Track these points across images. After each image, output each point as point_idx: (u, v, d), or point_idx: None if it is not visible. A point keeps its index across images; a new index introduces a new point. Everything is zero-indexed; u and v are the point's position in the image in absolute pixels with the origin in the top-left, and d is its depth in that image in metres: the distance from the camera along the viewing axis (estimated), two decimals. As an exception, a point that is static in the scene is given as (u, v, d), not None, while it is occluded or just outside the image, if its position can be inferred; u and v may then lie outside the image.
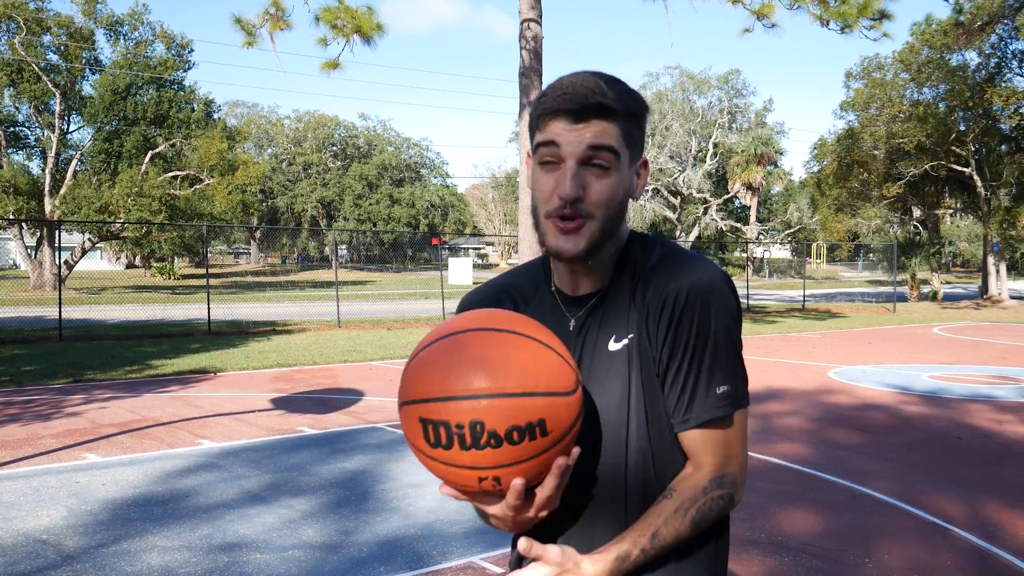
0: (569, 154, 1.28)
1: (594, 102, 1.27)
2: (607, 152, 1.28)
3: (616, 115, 1.29)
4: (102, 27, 38.81)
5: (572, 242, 1.30)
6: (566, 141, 1.28)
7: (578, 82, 1.29)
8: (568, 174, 1.28)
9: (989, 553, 4.87)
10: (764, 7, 14.30)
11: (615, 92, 1.30)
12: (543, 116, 1.31)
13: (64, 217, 33.21)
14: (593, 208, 1.29)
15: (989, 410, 9.59)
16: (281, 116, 78.21)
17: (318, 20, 13.84)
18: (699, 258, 1.36)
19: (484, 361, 1.15)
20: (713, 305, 1.30)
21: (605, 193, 1.29)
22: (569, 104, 1.28)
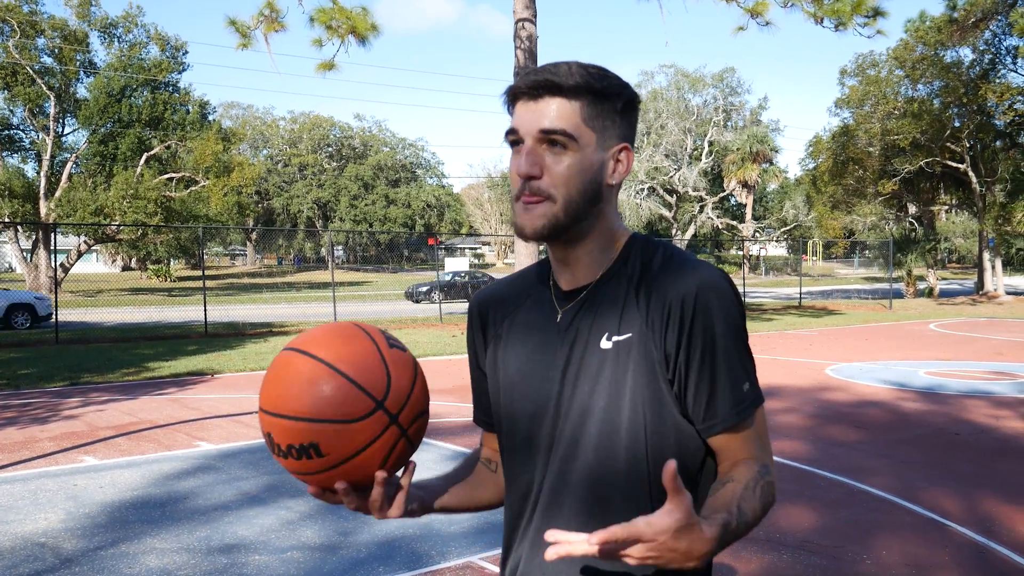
0: (525, 133, 1.29)
1: (543, 79, 1.28)
2: (559, 133, 1.27)
3: (570, 92, 1.28)
4: (96, 29, 38.76)
5: (530, 219, 1.30)
6: (521, 122, 1.29)
7: (543, 66, 1.31)
8: (523, 152, 1.29)
9: (987, 548, 4.88)
10: (758, 5, 14.32)
11: (580, 72, 1.29)
12: (509, 101, 1.33)
13: (60, 220, 33.16)
14: (550, 188, 1.28)
15: (986, 406, 9.62)
16: (276, 117, 78.12)
17: (313, 21, 13.84)
18: (699, 261, 1.35)
19: (280, 382, 1.28)
20: (723, 306, 1.30)
21: (561, 172, 1.28)
22: (523, 83, 1.29)
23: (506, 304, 1.50)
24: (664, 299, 1.30)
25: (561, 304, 1.40)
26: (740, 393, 1.30)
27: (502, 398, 1.44)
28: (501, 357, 1.46)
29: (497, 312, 1.51)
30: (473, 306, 1.56)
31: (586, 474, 1.32)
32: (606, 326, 1.33)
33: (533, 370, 1.39)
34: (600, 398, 1.31)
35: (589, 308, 1.37)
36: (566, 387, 1.35)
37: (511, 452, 1.43)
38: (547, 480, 1.36)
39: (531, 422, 1.38)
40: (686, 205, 61.86)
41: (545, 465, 1.36)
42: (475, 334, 1.54)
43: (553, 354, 1.37)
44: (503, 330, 1.47)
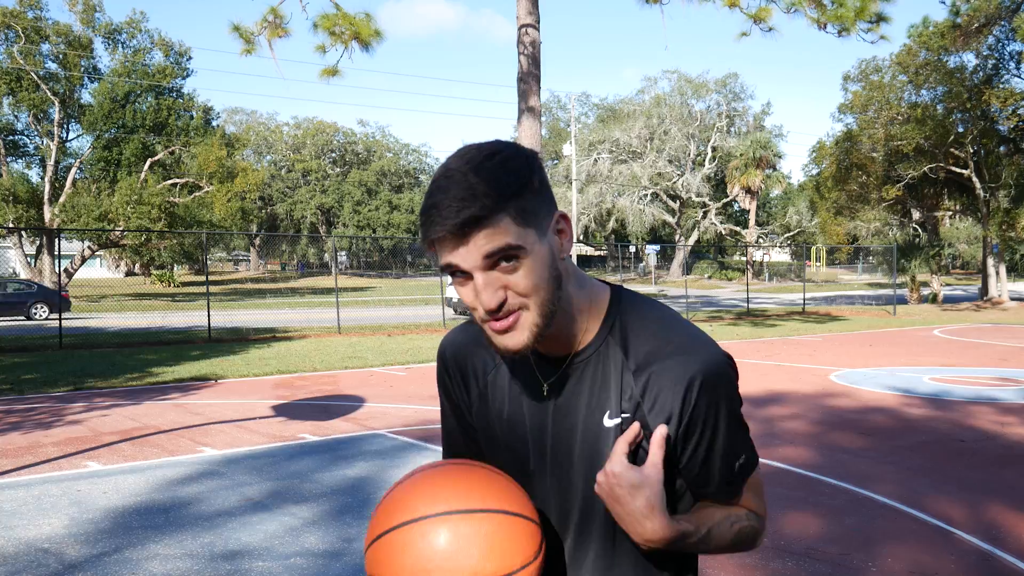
0: (470, 268, 1.19)
1: (465, 217, 1.16)
2: (507, 250, 1.18)
3: (496, 211, 1.17)
4: (100, 35, 38.92)
5: (514, 339, 1.22)
6: (459, 258, 1.19)
7: (444, 199, 1.18)
8: (479, 288, 1.19)
9: (992, 556, 4.86)
10: (761, 11, 14.34)
11: (488, 184, 1.17)
12: (431, 242, 1.21)
13: (63, 225, 33.25)
14: (521, 299, 1.21)
15: (991, 412, 9.58)
16: (280, 123, 78.23)
17: (316, 27, 13.88)
18: (697, 337, 1.29)
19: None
20: (726, 395, 1.27)
21: (525, 282, 1.20)
22: (443, 231, 1.17)
23: (478, 362, 1.44)
24: (663, 378, 1.26)
25: (544, 373, 1.34)
26: (734, 469, 1.31)
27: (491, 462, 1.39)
28: (483, 425, 1.43)
29: (471, 369, 1.44)
30: (448, 358, 1.48)
31: (611, 533, 1.32)
32: (605, 403, 1.29)
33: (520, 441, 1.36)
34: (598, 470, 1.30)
35: (578, 381, 1.32)
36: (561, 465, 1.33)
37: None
38: (564, 536, 1.36)
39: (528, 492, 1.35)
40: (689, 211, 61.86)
41: (553, 543, 1.36)
42: (457, 389, 1.47)
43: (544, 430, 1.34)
44: (481, 396, 1.42)
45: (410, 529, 1.18)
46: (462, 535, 1.17)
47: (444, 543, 1.16)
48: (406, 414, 9.59)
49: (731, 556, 4.78)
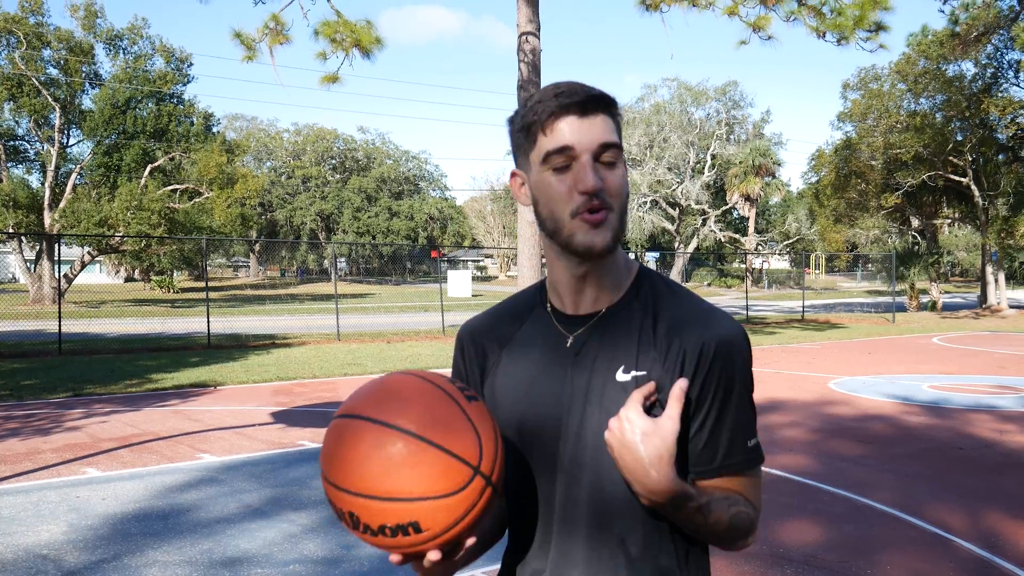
0: (584, 149, 1.28)
1: (597, 93, 1.30)
2: (614, 147, 1.30)
3: (613, 109, 1.31)
4: (102, 41, 38.95)
5: (601, 235, 1.30)
6: (578, 139, 1.28)
7: (568, 83, 1.32)
8: (587, 167, 1.28)
9: (991, 563, 4.86)
10: (760, 19, 14.36)
11: (602, 90, 1.32)
12: (549, 117, 1.29)
13: (63, 231, 33.25)
14: (612, 199, 1.30)
15: (990, 420, 9.59)
16: (280, 129, 78.39)
17: (317, 34, 13.89)
18: (716, 309, 1.37)
19: (362, 460, 1.17)
20: (744, 361, 1.33)
21: (619, 183, 1.31)
22: (574, 98, 1.28)
23: (499, 332, 1.49)
24: (684, 344, 1.31)
25: (568, 328, 1.39)
26: (747, 446, 1.33)
27: (509, 420, 1.41)
28: (502, 383, 1.44)
29: (491, 341, 1.49)
30: (465, 335, 1.53)
31: (600, 498, 1.32)
32: (621, 358, 1.33)
33: (544, 393, 1.38)
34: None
35: (602, 336, 1.36)
36: (577, 413, 1.34)
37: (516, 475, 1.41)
38: (567, 502, 1.35)
39: (543, 445, 1.37)
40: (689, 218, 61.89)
41: (564, 487, 1.35)
42: (469, 365, 1.51)
43: (565, 379, 1.36)
44: (501, 357, 1.46)
45: (373, 428, 1.19)
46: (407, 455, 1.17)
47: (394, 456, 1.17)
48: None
49: (730, 563, 4.78)
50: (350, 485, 1.17)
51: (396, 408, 1.21)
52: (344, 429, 1.21)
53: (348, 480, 1.18)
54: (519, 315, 1.48)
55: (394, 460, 1.16)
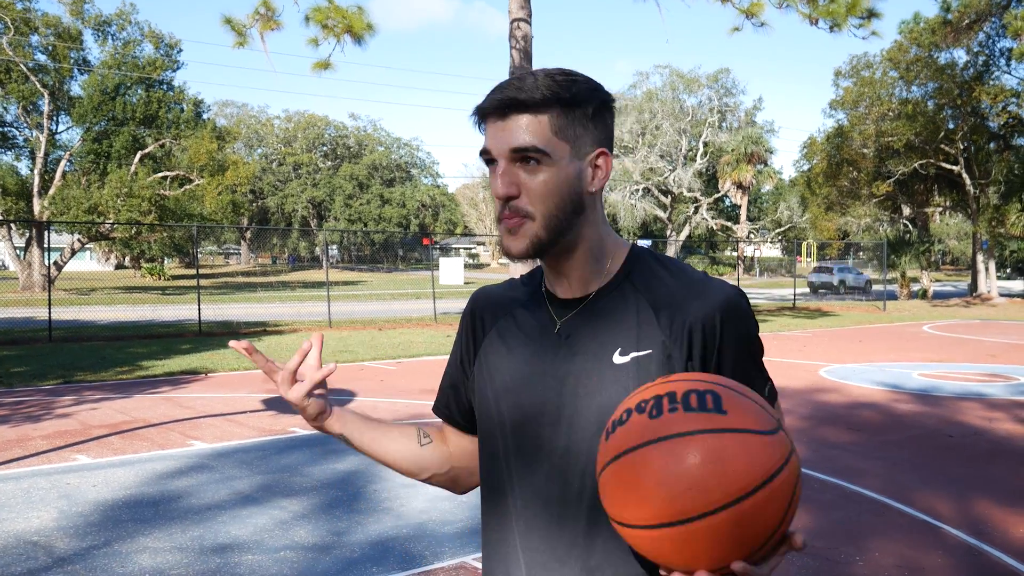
0: (497, 154, 1.27)
1: (509, 97, 1.26)
2: (530, 150, 1.25)
3: (537, 106, 1.25)
4: (90, 27, 38.65)
5: (514, 242, 1.29)
6: (493, 143, 1.28)
7: (510, 80, 1.29)
8: (497, 173, 1.27)
9: (979, 550, 4.90)
10: (753, 6, 14.33)
11: (547, 84, 1.26)
12: (478, 120, 1.31)
13: (53, 218, 33.06)
14: (529, 206, 1.27)
15: (979, 408, 9.64)
16: (271, 116, 77.98)
17: (308, 20, 13.81)
18: (712, 277, 1.37)
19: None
20: (746, 319, 1.33)
21: (538, 189, 1.26)
22: (488, 101, 1.28)
23: (498, 308, 1.49)
24: (686, 319, 1.30)
25: (559, 313, 1.38)
26: (765, 391, 1.32)
27: (492, 404, 1.41)
28: (491, 362, 1.44)
29: (488, 315, 1.49)
30: (472, 304, 1.55)
31: (595, 485, 1.28)
32: (618, 341, 1.32)
33: (529, 378, 1.37)
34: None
35: (591, 320, 1.35)
36: (569, 399, 1.32)
37: (502, 459, 1.40)
38: (563, 491, 1.32)
39: (529, 431, 1.35)
40: (681, 206, 61.90)
41: (560, 478, 1.33)
42: (465, 334, 1.53)
43: (551, 364, 1.35)
44: (493, 334, 1.46)
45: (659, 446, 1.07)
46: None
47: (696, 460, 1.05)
48: (397, 408, 9.59)
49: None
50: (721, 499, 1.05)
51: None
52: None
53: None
54: (518, 296, 1.48)
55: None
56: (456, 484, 1.59)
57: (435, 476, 1.56)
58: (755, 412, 1.09)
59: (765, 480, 1.04)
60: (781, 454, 1.07)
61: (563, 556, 1.32)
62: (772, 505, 1.05)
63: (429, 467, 1.55)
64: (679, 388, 1.10)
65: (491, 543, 1.44)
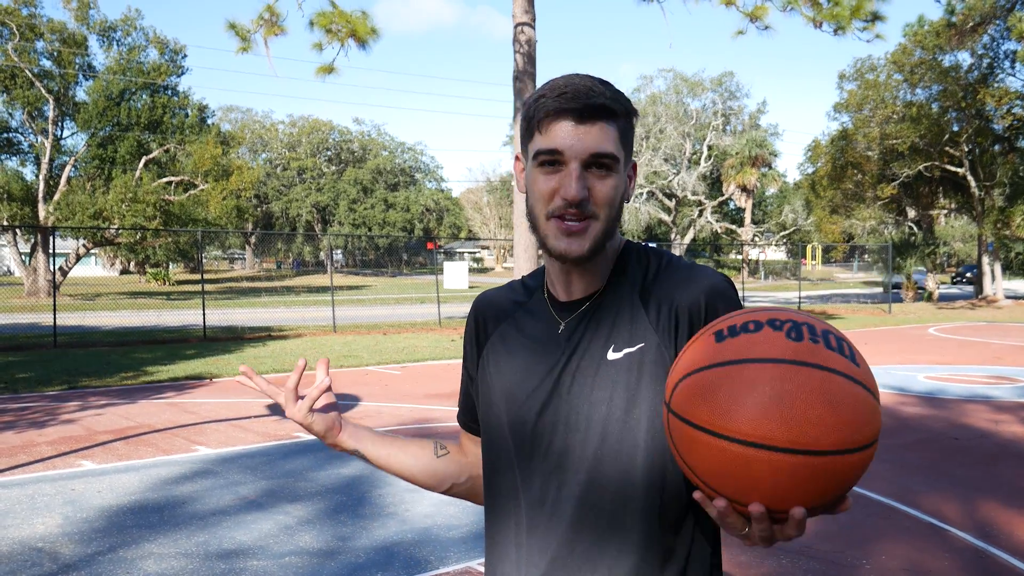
0: (574, 156, 1.28)
1: (598, 103, 1.27)
2: (608, 157, 1.29)
3: (616, 116, 1.30)
4: (95, 33, 38.78)
5: (577, 243, 1.31)
6: (570, 144, 1.28)
7: (577, 82, 1.29)
8: (573, 176, 1.28)
9: (986, 553, 4.87)
10: (757, 9, 14.32)
11: (612, 93, 1.30)
12: (545, 117, 1.29)
13: (58, 223, 33.14)
14: (597, 209, 1.30)
15: (986, 410, 9.61)
16: (275, 121, 78.07)
17: (312, 25, 13.83)
18: (699, 265, 1.38)
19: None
20: (733, 305, 1.33)
21: (608, 194, 1.30)
22: (573, 103, 1.27)
23: (500, 312, 1.50)
24: (673, 305, 1.32)
25: (561, 315, 1.40)
26: None
27: (495, 407, 1.42)
28: (494, 365, 1.45)
29: (491, 320, 1.51)
30: (475, 310, 1.56)
31: (607, 485, 1.30)
32: (612, 337, 1.33)
33: (531, 381, 1.38)
34: (616, 409, 1.30)
35: (591, 319, 1.37)
36: (566, 398, 1.33)
37: (504, 461, 1.40)
38: (563, 494, 1.32)
39: (530, 432, 1.36)
40: (685, 209, 61.86)
41: (555, 478, 1.33)
42: (470, 341, 1.55)
43: (553, 366, 1.37)
44: (496, 338, 1.47)
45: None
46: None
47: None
48: (401, 413, 9.59)
49: (725, 552, 4.78)
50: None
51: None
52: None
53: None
54: (521, 298, 1.50)
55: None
56: (477, 494, 1.59)
57: (455, 487, 1.59)
58: (873, 376, 1.09)
59: (869, 443, 1.04)
60: (880, 425, 1.07)
61: (564, 556, 1.32)
62: (860, 467, 1.04)
63: (447, 478, 1.58)
64: (815, 324, 1.09)
65: (493, 544, 1.45)
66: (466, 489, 1.59)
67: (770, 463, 1.01)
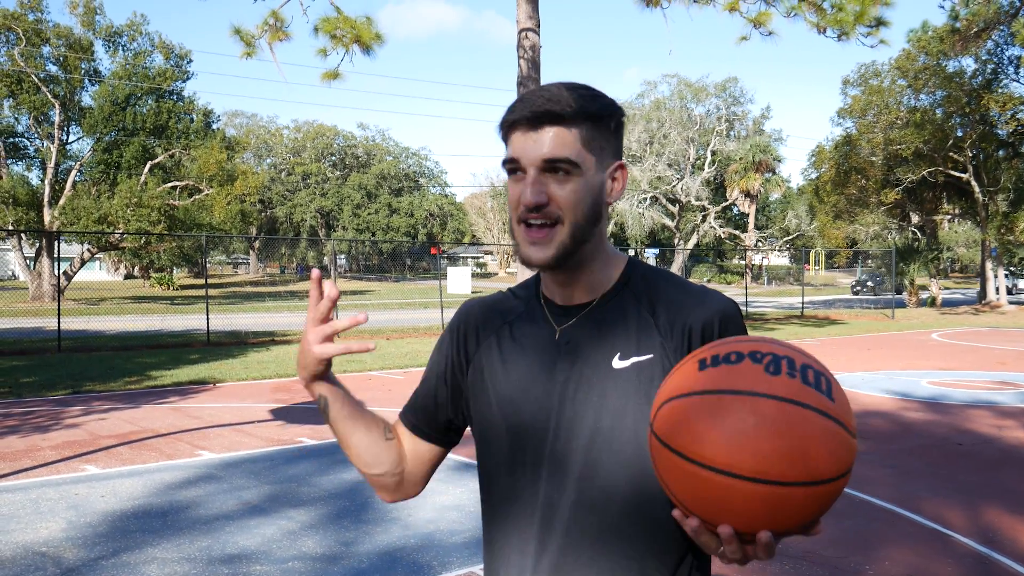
0: (529, 163, 1.30)
1: (544, 109, 1.29)
2: (563, 162, 1.30)
3: (570, 120, 1.30)
4: (101, 38, 38.93)
5: (542, 251, 1.32)
6: (524, 152, 1.31)
7: (537, 92, 1.32)
8: (528, 181, 1.30)
9: (989, 559, 4.87)
10: (761, 15, 14.34)
11: (574, 98, 1.31)
12: (506, 128, 1.34)
13: (63, 228, 33.23)
14: (561, 212, 1.31)
15: (989, 416, 9.59)
16: (280, 126, 78.25)
17: (317, 30, 13.87)
18: (709, 288, 1.40)
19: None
20: (740, 328, 1.36)
21: (569, 198, 1.31)
22: (522, 112, 1.31)
23: (492, 319, 1.50)
24: (686, 323, 1.33)
25: (558, 321, 1.40)
26: None
27: (493, 414, 1.42)
28: (489, 372, 1.44)
29: (482, 327, 1.50)
30: (460, 317, 1.55)
31: (613, 493, 1.30)
32: (617, 346, 1.34)
33: (532, 387, 1.38)
34: (626, 417, 1.30)
35: (591, 326, 1.37)
36: (569, 404, 1.33)
37: (504, 467, 1.40)
38: (563, 500, 1.33)
39: (530, 437, 1.36)
40: (688, 215, 61.87)
41: (556, 485, 1.33)
42: (454, 346, 1.52)
43: (552, 371, 1.37)
44: (490, 345, 1.46)
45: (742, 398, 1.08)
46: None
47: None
48: (404, 417, 9.58)
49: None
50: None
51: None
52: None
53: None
54: (514, 305, 1.50)
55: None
56: (399, 488, 1.56)
57: (386, 474, 1.53)
58: (850, 411, 1.12)
59: (838, 476, 1.07)
60: (853, 459, 1.11)
61: (565, 563, 1.32)
62: (827, 498, 1.08)
63: (384, 463, 1.52)
64: (795, 357, 1.12)
65: (493, 550, 1.45)
66: (393, 480, 1.54)
67: (739, 491, 1.05)
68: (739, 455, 1.05)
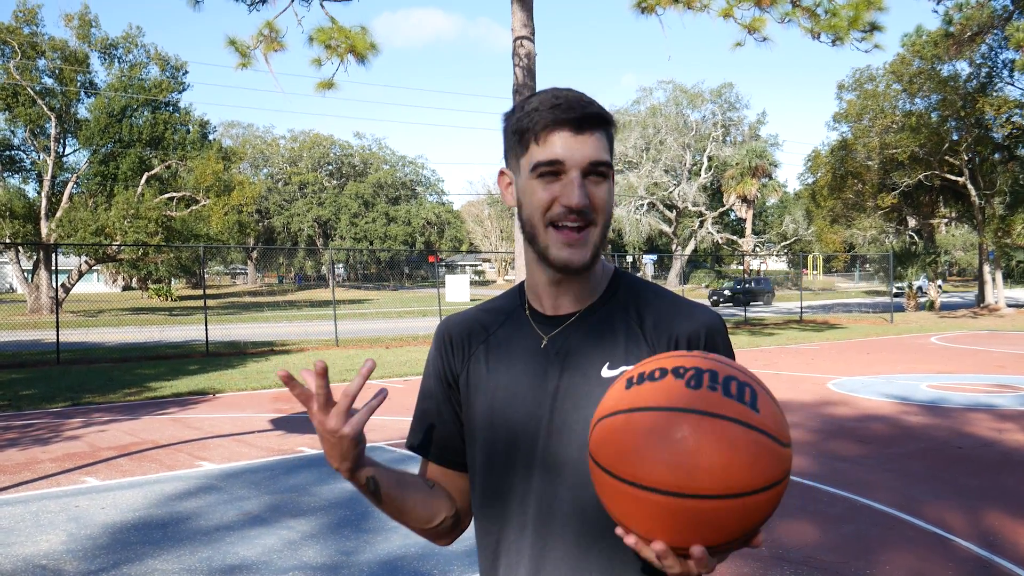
0: (574, 164, 1.30)
1: (593, 112, 1.31)
2: (604, 165, 1.32)
3: (607, 125, 1.34)
4: (96, 50, 38.99)
5: (580, 253, 1.32)
6: (570, 155, 1.30)
7: (568, 94, 1.33)
8: (575, 183, 1.30)
9: (990, 562, 4.87)
10: (755, 21, 14.37)
11: (599, 104, 1.34)
12: (543, 128, 1.31)
13: (60, 240, 33.21)
14: (596, 215, 1.33)
15: (989, 419, 9.60)
16: (276, 136, 78.35)
17: (312, 41, 13.89)
18: (696, 301, 1.42)
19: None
20: (726, 341, 1.38)
21: (605, 199, 1.33)
22: (570, 114, 1.30)
23: (476, 331, 1.49)
24: (672, 334, 1.34)
25: (544, 329, 1.41)
26: None
27: (483, 424, 1.42)
28: (478, 385, 1.44)
29: (467, 339, 1.49)
30: (443, 332, 1.54)
31: (583, 499, 1.31)
32: (606, 355, 1.35)
33: (520, 395, 1.38)
34: None
35: (580, 336, 1.38)
36: (558, 412, 1.34)
37: (497, 477, 1.40)
38: (551, 507, 1.33)
39: (520, 446, 1.37)
40: (686, 220, 61.94)
41: (547, 492, 1.34)
42: (445, 361, 1.51)
43: (541, 379, 1.37)
44: (477, 357, 1.46)
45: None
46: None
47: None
48: (403, 426, 9.58)
49: (728, 563, 4.78)
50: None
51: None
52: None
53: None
54: (498, 316, 1.49)
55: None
56: (456, 526, 1.54)
57: (444, 520, 1.50)
58: (780, 421, 1.12)
59: (764, 487, 1.06)
60: (784, 469, 1.10)
61: (552, 571, 1.33)
62: (759, 511, 1.07)
63: (441, 510, 1.50)
64: (719, 370, 1.12)
65: (485, 561, 1.45)
66: (449, 524, 1.51)
67: (663, 506, 1.05)
68: (659, 470, 1.05)
